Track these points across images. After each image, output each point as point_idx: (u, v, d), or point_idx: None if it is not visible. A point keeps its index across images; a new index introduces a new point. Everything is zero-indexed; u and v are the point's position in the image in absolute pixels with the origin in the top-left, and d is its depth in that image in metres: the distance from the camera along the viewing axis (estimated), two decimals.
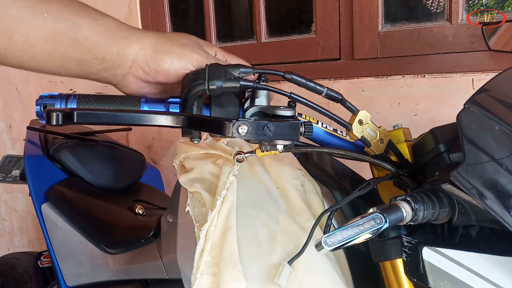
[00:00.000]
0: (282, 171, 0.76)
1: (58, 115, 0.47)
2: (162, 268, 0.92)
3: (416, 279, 0.60)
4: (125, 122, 0.51)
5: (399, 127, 0.70)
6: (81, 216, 1.15)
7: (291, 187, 0.74)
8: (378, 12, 1.34)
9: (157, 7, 1.84)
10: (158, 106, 0.59)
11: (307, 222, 0.69)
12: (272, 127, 0.51)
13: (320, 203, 0.75)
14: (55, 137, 1.31)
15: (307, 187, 0.76)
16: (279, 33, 1.60)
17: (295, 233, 0.69)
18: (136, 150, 1.50)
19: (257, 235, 0.69)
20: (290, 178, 0.75)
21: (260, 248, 0.68)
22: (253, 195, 0.75)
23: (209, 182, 0.79)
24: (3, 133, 2.46)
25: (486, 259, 0.54)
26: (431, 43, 1.27)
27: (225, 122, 0.50)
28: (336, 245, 0.51)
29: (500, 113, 0.53)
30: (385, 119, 1.29)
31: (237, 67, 0.56)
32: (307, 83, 0.57)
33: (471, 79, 1.20)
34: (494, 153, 0.50)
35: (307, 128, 0.55)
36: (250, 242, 0.69)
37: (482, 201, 0.48)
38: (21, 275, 1.41)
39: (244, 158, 0.69)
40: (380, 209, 0.52)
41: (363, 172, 0.83)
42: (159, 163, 1.86)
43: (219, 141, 0.86)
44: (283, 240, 0.68)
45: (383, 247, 0.65)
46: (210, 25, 1.72)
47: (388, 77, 1.33)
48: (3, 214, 2.57)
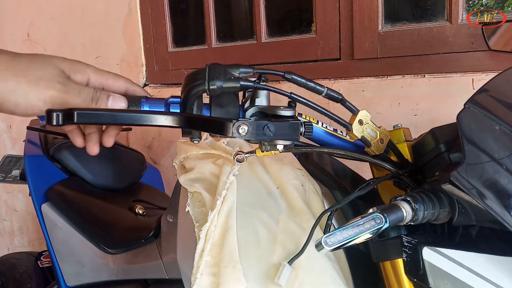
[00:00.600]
0: (282, 171, 0.76)
1: (58, 115, 0.47)
2: (162, 268, 0.92)
3: (416, 279, 0.60)
4: (125, 122, 0.51)
5: (399, 127, 0.70)
6: (81, 216, 1.15)
7: (291, 187, 0.74)
8: (378, 12, 1.34)
9: (157, 7, 1.84)
10: (158, 106, 0.59)
11: (307, 222, 0.69)
12: (272, 127, 0.51)
13: (320, 203, 0.75)
14: (55, 137, 1.31)
15: (307, 187, 0.76)
16: (279, 33, 1.60)
17: (295, 233, 0.69)
18: (136, 150, 1.50)
19: (257, 235, 0.69)
20: (290, 178, 0.75)
21: (260, 248, 0.68)
22: (253, 195, 0.75)
23: (209, 182, 0.79)
24: (3, 133, 2.46)
25: (486, 259, 0.54)
26: (431, 43, 1.27)
27: (225, 122, 0.50)
28: (336, 245, 0.52)
29: (500, 113, 0.53)
30: (385, 119, 1.29)
31: (237, 67, 0.56)
32: (307, 83, 0.57)
33: (471, 79, 1.20)
34: (494, 153, 0.50)
35: (307, 128, 0.55)
36: (250, 242, 0.69)
37: (482, 201, 0.48)
38: (21, 275, 1.41)
39: (244, 158, 0.69)
40: (380, 209, 0.53)
41: (363, 172, 0.83)
42: (159, 163, 1.86)
43: (219, 141, 0.86)
44: (283, 240, 0.68)
45: (383, 247, 0.65)
46: (210, 25, 1.72)
47: (388, 77, 1.33)
48: (3, 214, 2.57)
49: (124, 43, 1.92)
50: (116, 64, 1.95)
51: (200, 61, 1.73)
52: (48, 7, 2.14)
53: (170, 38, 1.85)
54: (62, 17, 2.10)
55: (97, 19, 1.98)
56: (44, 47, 2.19)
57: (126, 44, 1.92)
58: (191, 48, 1.81)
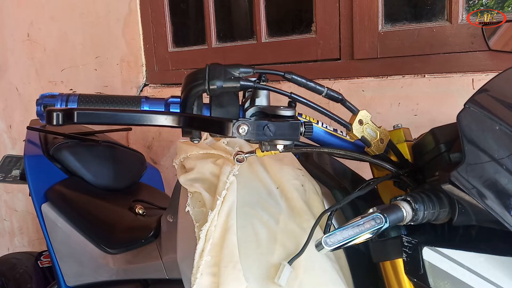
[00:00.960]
0: (282, 171, 0.76)
1: (58, 115, 0.47)
2: (162, 268, 0.92)
3: (416, 279, 0.60)
4: (125, 122, 0.51)
5: (399, 127, 0.70)
6: (81, 216, 1.15)
7: (291, 187, 0.74)
8: (378, 12, 1.34)
9: (157, 7, 1.84)
10: (158, 106, 0.59)
11: (307, 222, 0.69)
12: (272, 127, 0.51)
13: (320, 203, 0.75)
14: (55, 137, 1.31)
15: (307, 187, 0.76)
16: (279, 33, 1.60)
17: (295, 233, 0.69)
18: (136, 150, 1.50)
19: (257, 235, 0.69)
20: (290, 178, 0.75)
21: (260, 248, 0.68)
22: (253, 195, 0.75)
23: (209, 182, 0.79)
24: (3, 133, 2.46)
25: (486, 259, 0.54)
26: (431, 43, 1.27)
27: (225, 122, 0.50)
28: (336, 245, 0.52)
29: (500, 113, 0.53)
30: (385, 119, 1.29)
31: (237, 67, 0.56)
32: (307, 83, 0.57)
33: (471, 79, 1.20)
34: (494, 153, 0.50)
35: (307, 128, 0.55)
36: (250, 242, 0.69)
37: (482, 201, 0.48)
38: (21, 275, 1.41)
39: (244, 158, 0.69)
40: (380, 209, 0.53)
41: (363, 172, 0.83)
42: (159, 163, 1.86)
43: (219, 141, 0.86)
44: (283, 240, 0.68)
45: (383, 247, 0.65)
46: (210, 25, 1.72)
47: (388, 77, 1.33)
48: (3, 214, 2.57)
49: (124, 43, 1.92)
50: (116, 64, 1.95)
51: (200, 61, 1.73)
52: (48, 7, 2.14)
53: (170, 38, 1.85)
54: (62, 17, 2.10)
55: (97, 19, 1.98)
56: (44, 47, 2.19)
57: (126, 44, 1.92)
58: (191, 48, 1.81)
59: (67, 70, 2.11)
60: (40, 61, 2.23)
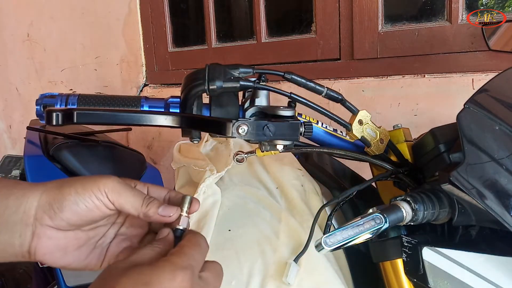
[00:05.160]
0: (282, 171, 0.76)
1: (58, 115, 0.47)
2: None
3: (416, 279, 0.60)
4: (125, 122, 0.51)
5: (399, 127, 0.70)
6: None
7: (291, 187, 0.74)
8: (378, 12, 1.34)
9: (157, 7, 1.84)
10: (158, 106, 0.59)
11: (307, 222, 0.69)
12: (272, 127, 0.51)
13: (320, 203, 0.75)
14: (55, 137, 1.31)
15: (307, 187, 0.76)
16: (279, 33, 1.60)
17: (297, 231, 0.69)
18: (136, 150, 1.50)
19: (260, 233, 0.69)
20: (290, 179, 0.75)
21: (263, 246, 0.68)
22: (253, 194, 0.75)
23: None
24: (3, 133, 2.46)
25: (486, 259, 0.54)
26: (431, 43, 1.27)
27: (225, 122, 0.50)
28: (336, 245, 0.51)
29: (500, 113, 0.53)
30: (385, 119, 1.29)
31: (237, 67, 0.56)
32: (307, 83, 0.57)
33: (471, 79, 1.20)
34: (494, 153, 0.50)
35: (307, 128, 0.55)
36: (253, 239, 0.69)
37: (482, 201, 0.48)
38: (21, 275, 1.41)
39: (244, 158, 0.69)
40: (380, 209, 0.52)
41: (363, 172, 0.83)
42: (159, 163, 1.86)
43: (199, 148, 0.87)
44: (286, 238, 0.68)
45: (383, 247, 0.65)
46: (210, 25, 1.72)
47: (388, 77, 1.33)
48: None
49: (124, 43, 1.92)
50: (116, 64, 1.95)
51: (200, 61, 1.73)
52: (48, 7, 2.14)
53: (170, 38, 1.85)
54: (62, 17, 2.10)
55: (97, 19, 1.98)
56: (44, 47, 2.19)
57: (126, 44, 1.92)
58: (191, 48, 1.81)
59: (67, 70, 2.11)
60: (40, 61, 2.23)
